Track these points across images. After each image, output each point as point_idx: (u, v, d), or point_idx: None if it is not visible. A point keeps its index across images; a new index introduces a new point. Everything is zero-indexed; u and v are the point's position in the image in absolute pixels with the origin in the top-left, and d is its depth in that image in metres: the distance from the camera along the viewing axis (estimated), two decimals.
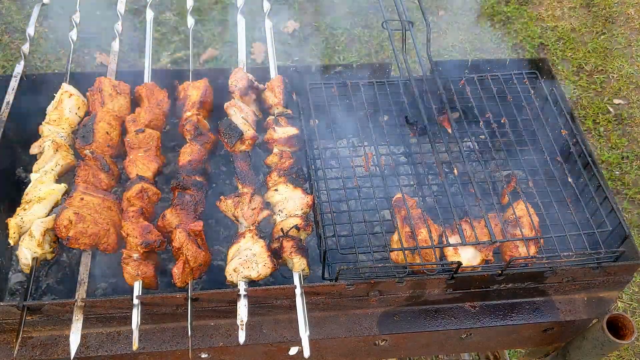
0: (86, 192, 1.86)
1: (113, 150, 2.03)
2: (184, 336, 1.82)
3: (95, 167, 1.94)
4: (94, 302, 1.70)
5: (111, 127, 2.03)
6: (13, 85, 2.07)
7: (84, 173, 1.91)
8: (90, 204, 1.83)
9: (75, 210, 1.78)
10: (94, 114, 2.02)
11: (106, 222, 1.82)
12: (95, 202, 1.84)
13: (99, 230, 1.79)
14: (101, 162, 1.94)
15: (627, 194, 4.13)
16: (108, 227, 1.82)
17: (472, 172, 1.86)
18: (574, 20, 5.21)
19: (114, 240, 1.83)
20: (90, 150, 1.96)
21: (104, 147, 2.00)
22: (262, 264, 1.76)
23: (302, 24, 5.02)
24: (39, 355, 1.78)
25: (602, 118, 4.55)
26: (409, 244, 1.80)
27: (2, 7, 4.87)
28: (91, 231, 1.78)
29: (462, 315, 1.92)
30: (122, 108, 2.11)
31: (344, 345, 1.92)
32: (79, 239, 1.77)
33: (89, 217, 1.79)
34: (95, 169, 1.93)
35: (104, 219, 1.83)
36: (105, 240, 1.81)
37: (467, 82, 2.19)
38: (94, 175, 1.92)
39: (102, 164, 1.94)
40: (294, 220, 1.86)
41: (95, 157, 1.95)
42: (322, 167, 1.98)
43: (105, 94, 2.08)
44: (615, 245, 1.89)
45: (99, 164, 1.94)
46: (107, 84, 2.10)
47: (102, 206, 1.85)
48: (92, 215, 1.80)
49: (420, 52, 2.00)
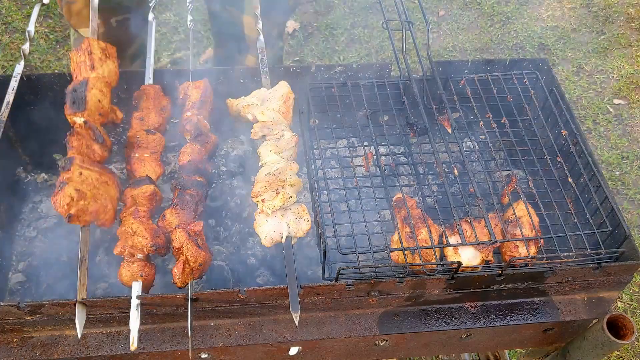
0: (84, 165, 1.78)
1: (104, 118, 1.94)
2: (184, 336, 1.82)
3: (88, 138, 1.84)
4: (94, 302, 1.70)
5: (102, 95, 1.94)
6: (13, 86, 2.07)
7: (78, 144, 1.81)
8: (89, 179, 1.76)
9: (76, 187, 1.71)
10: (85, 80, 1.93)
11: (104, 198, 1.76)
12: (93, 177, 1.78)
13: (99, 207, 1.74)
14: (95, 133, 1.84)
15: (627, 194, 4.13)
16: (106, 203, 1.77)
17: (472, 172, 1.86)
18: (574, 20, 5.21)
19: (112, 216, 1.79)
20: (83, 118, 1.86)
21: (96, 115, 1.91)
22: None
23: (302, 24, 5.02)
24: (39, 355, 1.78)
25: (602, 118, 4.55)
26: (409, 244, 1.80)
27: (2, 7, 4.87)
28: (92, 208, 1.72)
29: (462, 315, 1.92)
30: (111, 73, 2.02)
31: (344, 345, 1.92)
32: (80, 217, 1.71)
33: (89, 194, 1.72)
34: (89, 139, 1.84)
35: (102, 194, 1.77)
36: (103, 217, 1.76)
37: (467, 82, 2.19)
38: (88, 146, 1.84)
39: (96, 135, 1.84)
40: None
41: (89, 126, 1.85)
42: (322, 167, 1.98)
43: (96, 57, 1.98)
44: (615, 245, 1.89)
45: (92, 134, 1.84)
46: (97, 46, 2.01)
47: (100, 181, 1.79)
48: (92, 191, 1.74)
49: (420, 52, 2.00)
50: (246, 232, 2.20)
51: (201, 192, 1.92)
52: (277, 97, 2.07)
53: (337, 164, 2.14)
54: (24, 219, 2.24)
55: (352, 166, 2.04)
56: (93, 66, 1.97)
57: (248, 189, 2.27)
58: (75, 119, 1.88)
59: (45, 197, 2.31)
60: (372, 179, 2.04)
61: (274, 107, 2.04)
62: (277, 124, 2.04)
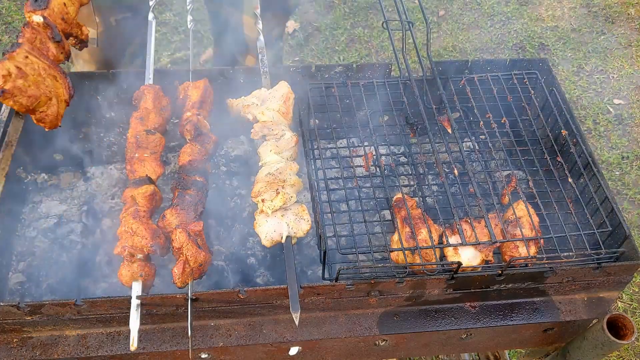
0: (32, 52, 1.67)
1: (67, 26, 1.84)
2: (184, 336, 1.82)
3: (44, 34, 1.74)
4: (94, 302, 1.70)
5: (70, 2, 1.85)
6: None
7: (31, 36, 1.71)
8: (36, 65, 1.65)
9: (17, 65, 1.60)
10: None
11: (49, 90, 1.66)
12: (40, 66, 1.67)
13: (40, 95, 1.63)
14: (53, 30, 1.74)
15: (627, 194, 4.13)
16: (51, 95, 1.67)
17: (472, 172, 1.86)
18: (574, 20, 5.21)
19: (54, 113, 1.68)
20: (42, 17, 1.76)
21: (58, 18, 1.81)
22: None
23: (302, 24, 5.02)
24: (39, 355, 1.78)
25: (602, 118, 4.55)
26: (409, 244, 1.80)
27: (2, 7, 4.87)
28: (31, 92, 1.61)
29: (462, 315, 1.92)
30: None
31: (344, 345, 1.92)
32: (16, 96, 1.60)
33: (31, 78, 1.62)
34: (45, 36, 1.74)
35: (48, 86, 1.66)
36: (44, 109, 1.66)
37: (467, 82, 2.19)
38: (42, 42, 1.73)
39: (54, 32, 1.73)
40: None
41: (47, 23, 1.74)
42: (322, 167, 1.98)
43: None
44: (615, 245, 1.89)
45: (50, 32, 1.74)
46: None
47: (47, 72, 1.69)
48: (36, 78, 1.63)
49: (420, 52, 2.00)
50: (246, 232, 2.20)
51: (201, 192, 1.92)
52: (277, 97, 2.07)
53: (337, 164, 2.15)
54: (24, 219, 2.24)
55: (352, 166, 2.04)
56: None
57: (248, 189, 2.27)
58: (34, 17, 1.76)
59: (45, 197, 2.31)
60: (372, 179, 2.04)
61: (274, 107, 2.04)
62: (277, 124, 2.04)
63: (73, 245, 2.18)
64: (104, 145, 2.40)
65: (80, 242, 2.19)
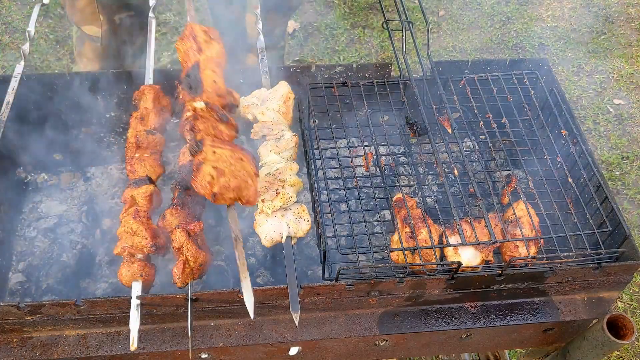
0: (215, 144, 1.73)
1: (223, 99, 1.88)
2: (184, 336, 1.82)
3: (213, 119, 1.79)
4: (94, 302, 1.70)
5: (216, 75, 1.89)
6: (13, 86, 2.07)
7: (204, 126, 1.75)
8: (224, 156, 1.70)
9: (213, 165, 1.66)
10: (196, 62, 1.88)
11: (243, 174, 1.72)
12: (227, 155, 1.72)
13: (239, 183, 1.69)
14: (219, 113, 1.78)
15: (627, 194, 4.13)
16: (246, 178, 1.72)
17: (472, 172, 1.86)
18: (574, 20, 5.21)
19: (254, 193, 1.74)
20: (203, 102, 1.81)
21: (214, 96, 1.85)
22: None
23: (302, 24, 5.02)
24: (39, 355, 1.78)
25: (602, 118, 4.55)
26: (409, 244, 1.80)
27: (2, 7, 4.87)
28: (233, 184, 1.67)
29: (462, 315, 1.92)
30: (219, 54, 1.98)
31: (344, 345, 1.92)
32: (224, 194, 1.67)
33: (227, 171, 1.68)
34: (213, 120, 1.79)
35: (240, 170, 1.72)
36: (246, 193, 1.71)
37: (467, 82, 2.19)
38: (214, 127, 1.78)
39: (219, 114, 1.78)
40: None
41: (211, 107, 1.79)
42: (322, 167, 1.98)
43: (201, 40, 1.94)
44: (615, 245, 1.89)
45: (216, 115, 1.78)
46: (199, 29, 1.99)
47: (234, 158, 1.74)
48: (229, 168, 1.69)
49: (420, 52, 2.00)
50: (246, 232, 2.20)
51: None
52: (277, 97, 2.07)
53: (337, 164, 2.14)
54: (24, 219, 2.24)
55: (352, 166, 2.04)
56: (200, 49, 1.92)
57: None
58: (195, 104, 1.81)
59: (45, 197, 2.31)
60: (372, 179, 2.04)
61: (274, 107, 2.04)
62: (277, 124, 2.04)
63: (73, 245, 2.18)
64: (104, 145, 2.40)
65: (80, 242, 2.19)
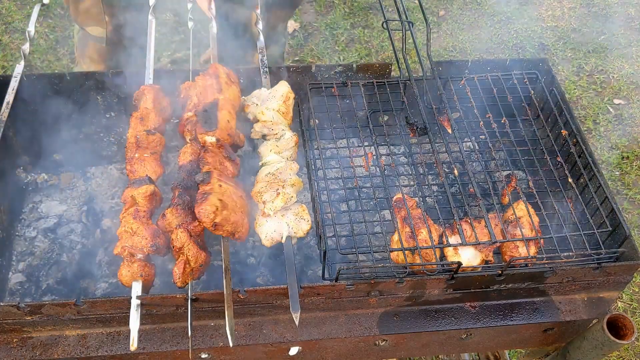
0: (221, 179, 1.82)
1: (231, 139, 1.97)
2: (184, 336, 1.82)
3: (221, 155, 1.89)
4: (94, 302, 1.70)
5: (231, 116, 1.98)
6: (13, 86, 2.07)
7: (213, 160, 1.86)
8: (228, 192, 1.80)
9: (219, 197, 1.75)
10: (216, 101, 1.97)
11: (241, 211, 1.81)
12: (231, 190, 1.81)
13: (238, 219, 1.77)
14: (227, 150, 1.89)
15: (627, 194, 4.13)
16: (243, 216, 1.81)
17: (472, 172, 1.86)
18: (574, 20, 5.21)
19: (247, 230, 1.82)
20: (215, 137, 1.91)
21: (225, 135, 1.94)
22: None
23: (302, 24, 5.02)
24: (39, 355, 1.78)
25: (602, 118, 4.55)
26: (409, 244, 1.80)
27: (2, 7, 4.87)
28: (233, 219, 1.75)
29: (462, 315, 1.92)
30: (235, 97, 2.06)
31: (344, 345, 1.92)
32: (224, 226, 1.74)
33: (230, 205, 1.77)
34: (221, 156, 1.89)
35: (240, 208, 1.81)
36: (240, 229, 1.79)
37: (467, 82, 2.19)
38: (221, 162, 1.88)
39: (228, 152, 1.89)
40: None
41: (221, 144, 1.90)
42: (322, 167, 1.98)
43: (222, 81, 2.03)
44: (615, 245, 1.89)
45: (225, 152, 1.89)
46: (222, 71, 2.07)
47: (236, 195, 1.83)
48: (231, 203, 1.78)
49: (420, 52, 2.00)
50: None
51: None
52: (277, 97, 2.07)
53: (337, 164, 2.14)
54: (24, 219, 2.24)
55: (352, 166, 2.04)
56: (221, 89, 2.02)
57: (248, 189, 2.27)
58: (207, 138, 1.92)
59: (45, 197, 2.31)
60: (372, 179, 2.04)
61: (274, 107, 2.04)
62: (277, 124, 2.04)
63: (73, 245, 2.18)
64: (104, 145, 2.40)
65: (80, 242, 2.19)
